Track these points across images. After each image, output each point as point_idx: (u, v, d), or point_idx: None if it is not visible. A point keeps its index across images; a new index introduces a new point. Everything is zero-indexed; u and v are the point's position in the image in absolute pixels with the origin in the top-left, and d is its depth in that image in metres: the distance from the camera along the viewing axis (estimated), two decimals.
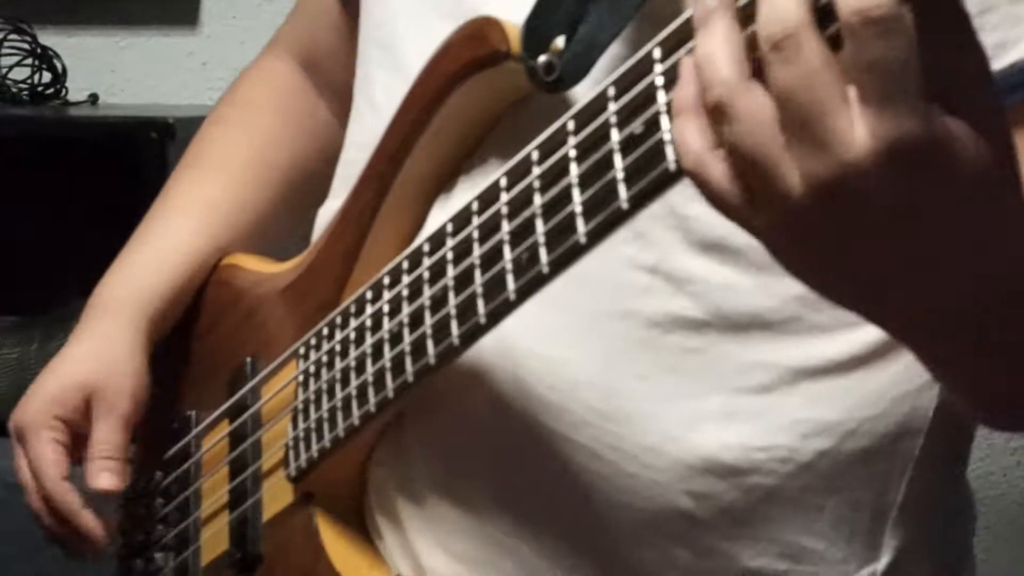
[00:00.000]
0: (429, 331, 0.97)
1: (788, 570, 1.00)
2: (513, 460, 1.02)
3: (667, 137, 0.77)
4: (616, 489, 0.99)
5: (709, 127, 0.71)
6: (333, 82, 1.35)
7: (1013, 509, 2.05)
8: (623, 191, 0.80)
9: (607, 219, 0.82)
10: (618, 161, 0.81)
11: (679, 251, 0.98)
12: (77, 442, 1.24)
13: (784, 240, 0.72)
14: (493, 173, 0.97)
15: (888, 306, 0.76)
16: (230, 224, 1.31)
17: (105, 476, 1.21)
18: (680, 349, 0.98)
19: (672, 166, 0.77)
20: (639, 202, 0.80)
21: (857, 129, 0.67)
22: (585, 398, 0.99)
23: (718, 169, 0.71)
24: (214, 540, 1.21)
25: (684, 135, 0.72)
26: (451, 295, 0.95)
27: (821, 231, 0.70)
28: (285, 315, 1.18)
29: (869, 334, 0.98)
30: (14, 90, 2.28)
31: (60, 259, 2.03)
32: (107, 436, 1.22)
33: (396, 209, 1.07)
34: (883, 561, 1.01)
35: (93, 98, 2.34)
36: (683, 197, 0.92)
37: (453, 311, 0.95)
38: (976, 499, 1.15)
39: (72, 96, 2.33)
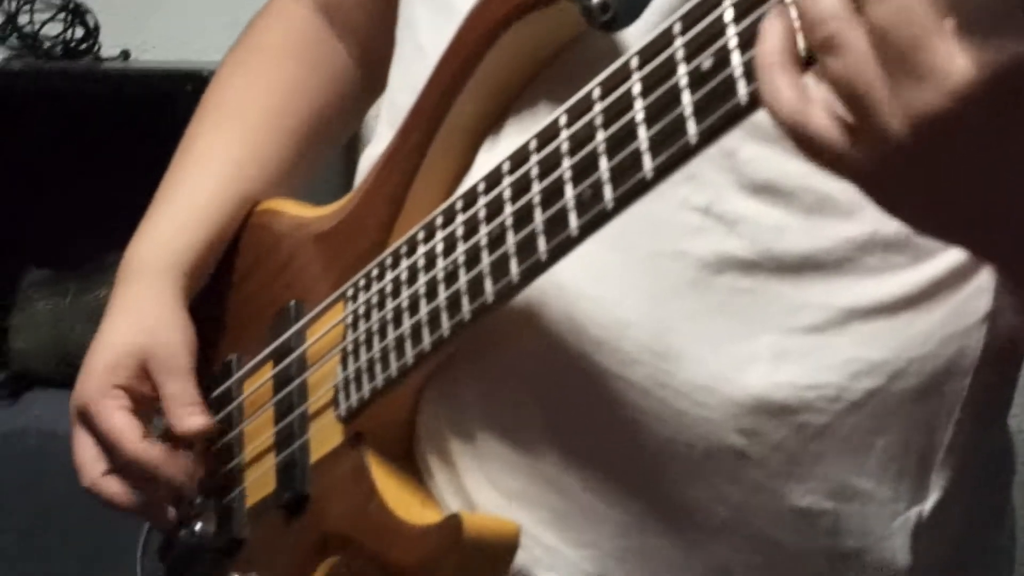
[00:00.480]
0: (487, 269, 0.98)
1: (836, 508, 1.00)
2: (563, 398, 1.03)
3: (738, 71, 0.77)
4: (666, 426, 0.99)
5: (799, 80, 0.72)
6: (351, 24, 1.35)
7: None
8: (692, 127, 0.81)
9: (675, 154, 0.83)
10: (686, 97, 0.82)
11: (731, 192, 0.99)
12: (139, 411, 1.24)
13: (882, 177, 0.73)
14: (543, 115, 0.97)
15: (983, 234, 0.76)
16: (253, 176, 1.30)
17: (194, 418, 1.21)
18: (731, 289, 0.99)
19: (743, 100, 0.77)
20: (709, 137, 0.81)
21: (957, 59, 0.67)
22: (636, 336, 1.00)
23: (816, 116, 0.72)
24: (259, 482, 1.21)
25: (777, 89, 0.73)
26: (510, 234, 0.96)
27: (922, 164, 0.70)
28: (329, 258, 1.18)
29: (919, 276, 0.99)
30: (47, 45, 2.28)
31: (95, 213, 2.04)
32: (177, 389, 1.22)
33: (443, 152, 1.07)
34: (930, 501, 1.02)
35: (125, 55, 2.34)
36: (736, 139, 0.94)
37: (512, 249, 0.95)
38: None
39: (104, 52, 2.33)
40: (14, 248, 2.26)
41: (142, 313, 1.25)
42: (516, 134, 1.00)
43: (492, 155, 1.02)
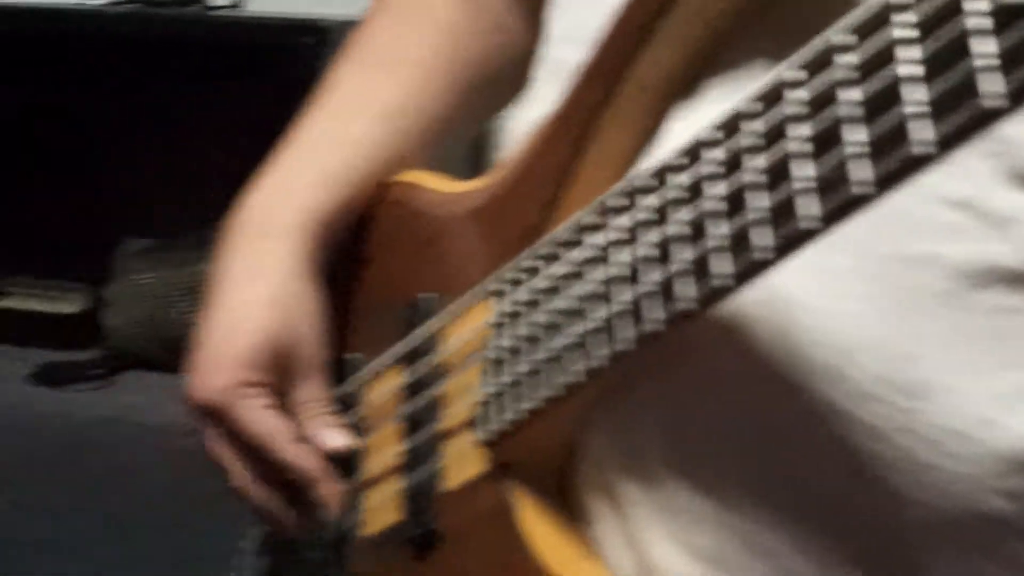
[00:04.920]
0: (681, 268, 0.76)
1: None
2: (773, 437, 0.81)
3: None
4: (906, 483, 0.78)
5: None
6: None
7: None
8: (998, 83, 0.59)
9: (968, 122, 0.61)
10: (981, 46, 0.59)
11: (999, 184, 0.78)
12: None
13: None
14: (756, 73, 0.77)
15: None
16: (407, 131, 1.12)
17: (337, 433, 1.06)
18: (994, 308, 0.78)
19: None
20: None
21: None
22: (870, 364, 0.78)
23: None
24: (380, 509, 1.02)
25: None
26: (717, 223, 0.74)
27: None
28: (475, 244, 0.98)
29: None
30: None
31: (198, 179, 1.89)
32: (316, 392, 1.07)
33: (623, 118, 0.87)
34: None
35: (233, 3, 2.19)
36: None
37: (721, 243, 0.73)
38: None
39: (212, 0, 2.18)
40: (110, 214, 2.10)
41: (276, 291, 1.06)
42: (720, 97, 0.79)
43: (687, 124, 0.82)
